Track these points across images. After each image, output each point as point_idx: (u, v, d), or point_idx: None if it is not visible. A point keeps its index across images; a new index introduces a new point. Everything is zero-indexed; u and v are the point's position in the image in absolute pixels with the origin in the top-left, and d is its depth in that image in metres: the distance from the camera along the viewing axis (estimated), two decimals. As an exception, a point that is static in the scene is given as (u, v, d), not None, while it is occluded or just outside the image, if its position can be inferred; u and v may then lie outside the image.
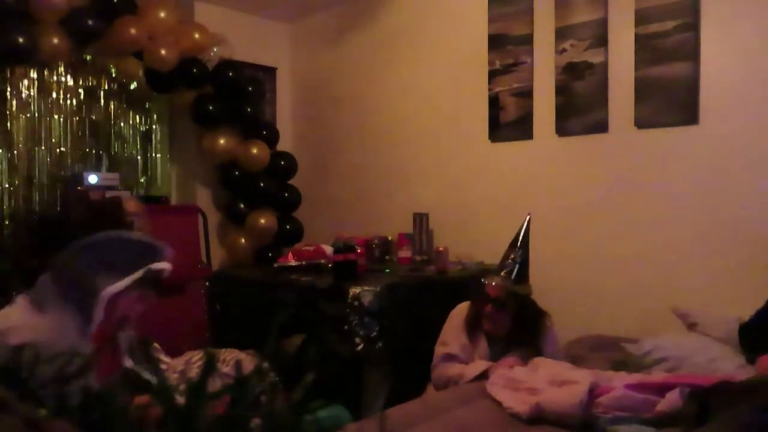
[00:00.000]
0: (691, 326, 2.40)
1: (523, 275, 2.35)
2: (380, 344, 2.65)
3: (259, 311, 3.02)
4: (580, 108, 3.02)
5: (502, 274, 2.33)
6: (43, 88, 3.60)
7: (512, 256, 2.35)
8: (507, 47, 3.30)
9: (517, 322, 2.32)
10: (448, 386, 2.32)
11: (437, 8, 3.68)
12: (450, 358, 2.37)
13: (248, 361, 2.51)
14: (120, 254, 1.46)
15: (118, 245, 1.48)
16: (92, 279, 1.40)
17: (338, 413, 2.40)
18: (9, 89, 3.47)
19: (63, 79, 3.68)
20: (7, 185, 3.46)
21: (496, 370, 2.20)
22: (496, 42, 3.35)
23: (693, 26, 2.65)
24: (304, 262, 3.23)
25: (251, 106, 3.93)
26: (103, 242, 1.46)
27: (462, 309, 2.47)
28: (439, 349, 2.42)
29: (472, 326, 2.39)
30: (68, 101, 3.71)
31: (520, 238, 2.39)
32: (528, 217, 2.43)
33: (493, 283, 2.32)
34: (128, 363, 1.59)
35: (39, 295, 1.41)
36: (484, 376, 2.25)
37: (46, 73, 3.60)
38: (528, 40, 3.21)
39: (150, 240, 1.54)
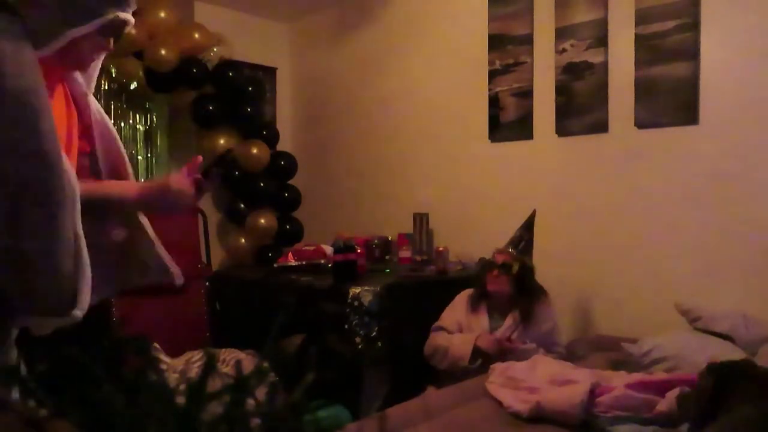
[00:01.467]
0: (694, 321, 2.40)
1: (527, 251, 2.63)
2: (380, 344, 2.65)
3: (259, 311, 3.02)
4: (580, 108, 3.02)
5: (510, 247, 2.62)
6: (43, 88, 3.60)
7: (519, 235, 2.65)
8: (507, 47, 3.30)
9: (518, 288, 2.53)
10: (435, 356, 2.51)
11: (437, 8, 3.68)
12: (438, 329, 2.59)
13: (248, 361, 2.51)
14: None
15: None
16: (57, 17, 1.35)
17: (338, 413, 2.40)
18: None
19: (63, 79, 3.68)
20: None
21: (496, 368, 2.21)
22: (496, 42, 3.35)
23: (693, 26, 2.65)
24: (304, 262, 3.23)
25: (251, 106, 3.93)
26: None
27: (465, 292, 2.69)
28: (434, 325, 2.65)
29: (476, 298, 2.61)
30: (68, 101, 3.71)
31: (527, 222, 2.68)
32: (534, 211, 2.72)
33: (504, 252, 2.60)
34: (92, 101, 1.58)
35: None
36: (482, 367, 2.28)
37: (46, 73, 3.59)
38: (528, 40, 3.21)
39: None
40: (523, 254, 2.60)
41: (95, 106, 1.61)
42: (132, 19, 1.51)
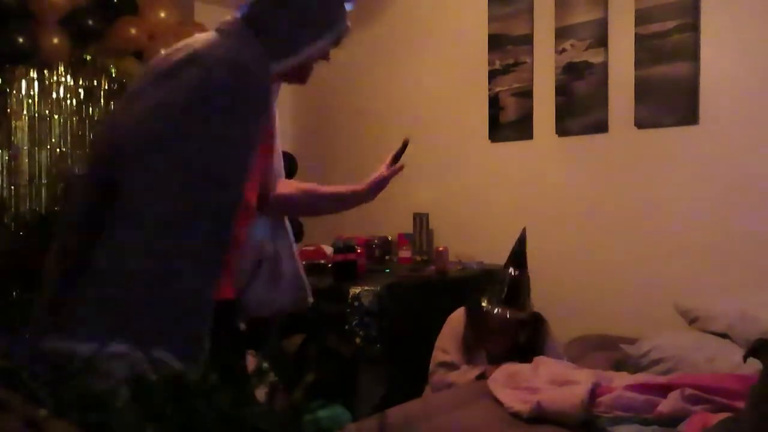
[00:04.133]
0: (692, 321, 2.40)
1: (522, 294, 2.31)
2: (380, 344, 2.65)
3: (259, 311, 3.01)
4: (580, 108, 3.02)
5: (503, 302, 2.26)
6: (43, 88, 3.60)
7: (510, 273, 2.31)
8: (507, 47, 3.30)
9: (517, 341, 2.31)
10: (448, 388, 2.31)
11: (437, 8, 3.68)
12: (448, 365, 2.35)
13: (248, 361, 2.50)
14: (320, 11, 1.33)
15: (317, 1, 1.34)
16: (293, 37, 1.30)
17: (338, 413, 2.40)
18: (9, 89, 3.46)
19: (63, 79, 3.68)
20: (6, 185, 3.46)
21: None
22: (496, 42, 3.35)
23: (693, 26, 2.65)
24: (304, 262, 3.22)
25: (251, 106, 3.93)
26: None
27: (459, 317, 2.43)
28: (438, 355, 2.39)
29: (470, 345, 2.36)
30: (68, 101, 3.71)
31: (517, 254, 2.34)
32: (523, 230, 2.38)
33: (495, 312, 2.25)
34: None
35: (229, 30, 1.32)
36: (482, 375, 2.26)
37: (46, 73, 3.59)
38: (528, 40, 3.21)
39: None
40: (516, 303, 2.28)
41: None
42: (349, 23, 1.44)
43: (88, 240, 1.16)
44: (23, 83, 3.52)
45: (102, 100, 3.88)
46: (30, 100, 3.55)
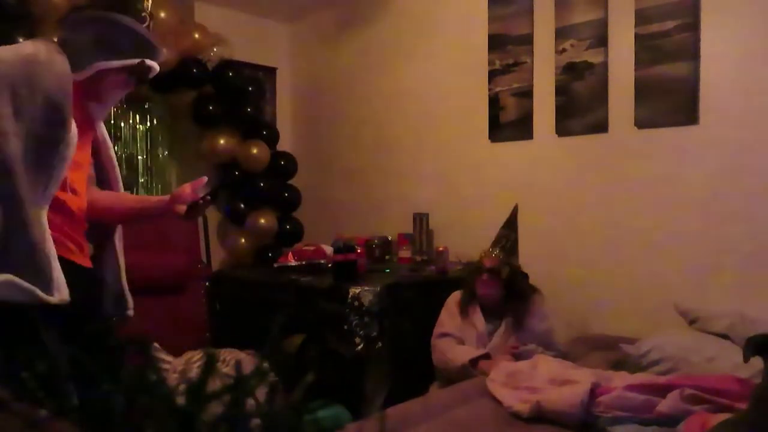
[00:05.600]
0: (692, 322, 2.41)
1: (513, 251, 2.61)
2: (380, 344, 2.65)
3: (259, 311, 3.02)
4: (580, 108, 3.02)
5: (497, 250, 2.58)
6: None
7: (504, 235, 2.61)
8: (507, 47, 3.30)
9: (509, 291, 2.51)
10: (448, 366, 2.46)
11: (437, 8, 3.68)
12: (444, 336, 2.54)
13: (248, 361, 2.50)
14: (122, 38, 1.58)
15: (123, 29, 1.59)
16: (91, 50, 1.55)
17: (338, 413, 2.40)
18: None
19: (63, 79, 3.67)
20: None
21: (497, 363, 2.22)
22: (496, 42, 3.35)
23: (693, 26, 2.65)
24: (304, 262, 3.23)
25: (251, 106, 3.94)
26: (108, 21, 1.57)
27: (455, 297, 2.64)
28: (436, 331, 2.59)
29: (466, 302, 2.57)
30: (68, 101, 3.70)
31: (509, 220, 2.65)
32: (516, 206, 2.69)
33: (491, 255, 2.55)
34: (104, 135, 1.82)
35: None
36: (483, 373, 2.27)
37: (46, 73, 3.59)
38: (528, 40, 3.21)
39: (151, 37, 1.66)
40: (509, 255, 2.57)
41: (102, 129, 1.84)
42: (157, 67, 1.70)
43: None
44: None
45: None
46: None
